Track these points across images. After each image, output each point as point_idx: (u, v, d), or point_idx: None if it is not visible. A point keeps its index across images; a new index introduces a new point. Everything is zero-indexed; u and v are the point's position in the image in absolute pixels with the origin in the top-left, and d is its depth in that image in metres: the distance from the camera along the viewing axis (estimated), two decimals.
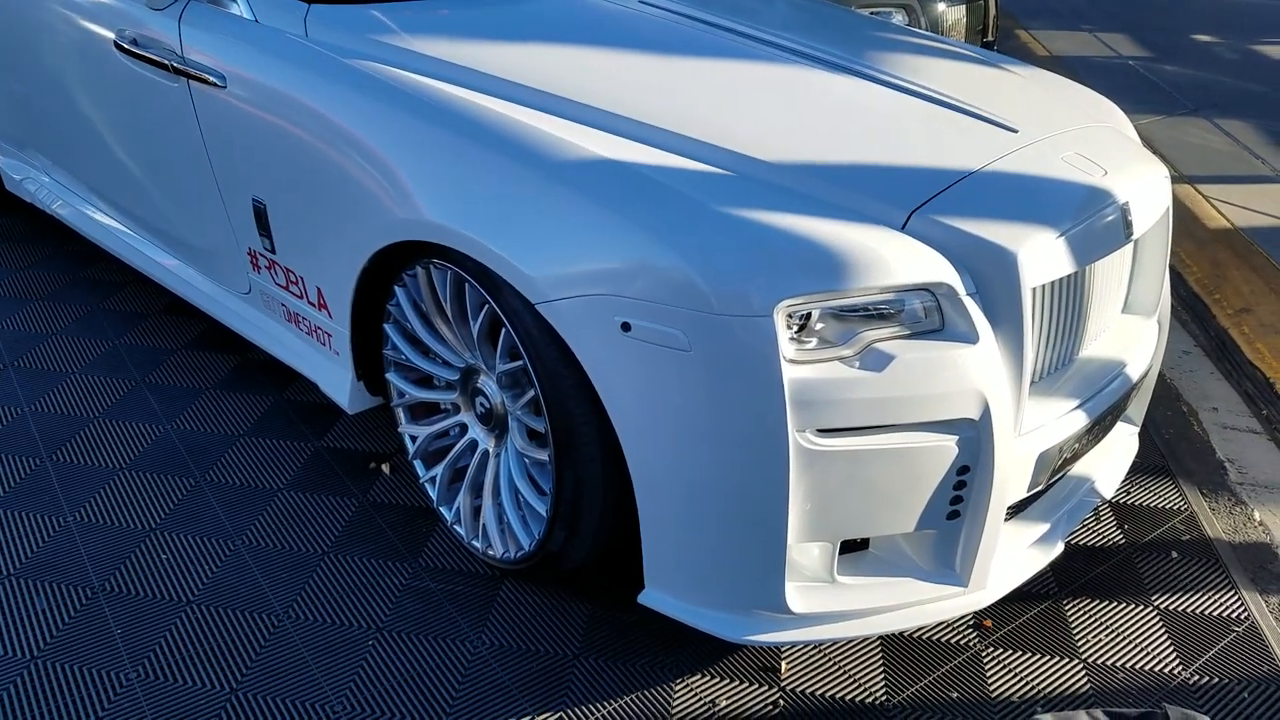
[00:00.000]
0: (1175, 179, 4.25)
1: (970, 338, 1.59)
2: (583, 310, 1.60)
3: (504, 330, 1.75)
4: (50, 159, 3.09)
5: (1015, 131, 1.93)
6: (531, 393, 1.76)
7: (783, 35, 2.31)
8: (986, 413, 1.58)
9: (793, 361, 1.52)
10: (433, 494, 2.11)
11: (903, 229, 1.63)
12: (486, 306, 1.77)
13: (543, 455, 1.80)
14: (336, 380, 2.26)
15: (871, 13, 4.07)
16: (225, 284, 2.52)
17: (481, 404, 1.95)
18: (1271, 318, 3.09)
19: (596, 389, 1.62)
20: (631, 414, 1.60)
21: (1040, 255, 1.64)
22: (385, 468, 2.36)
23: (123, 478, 2.30)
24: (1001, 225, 1.65)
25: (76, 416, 2.51)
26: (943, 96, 2.04)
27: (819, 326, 1.56)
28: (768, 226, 1.55)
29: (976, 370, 1.57)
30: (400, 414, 2.17)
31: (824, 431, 1.55)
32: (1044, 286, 1.70)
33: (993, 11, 4.96)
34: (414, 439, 2.15)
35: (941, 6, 4.49)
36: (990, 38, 4.97)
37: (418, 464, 2.15)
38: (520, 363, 1.75)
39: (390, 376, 2.13)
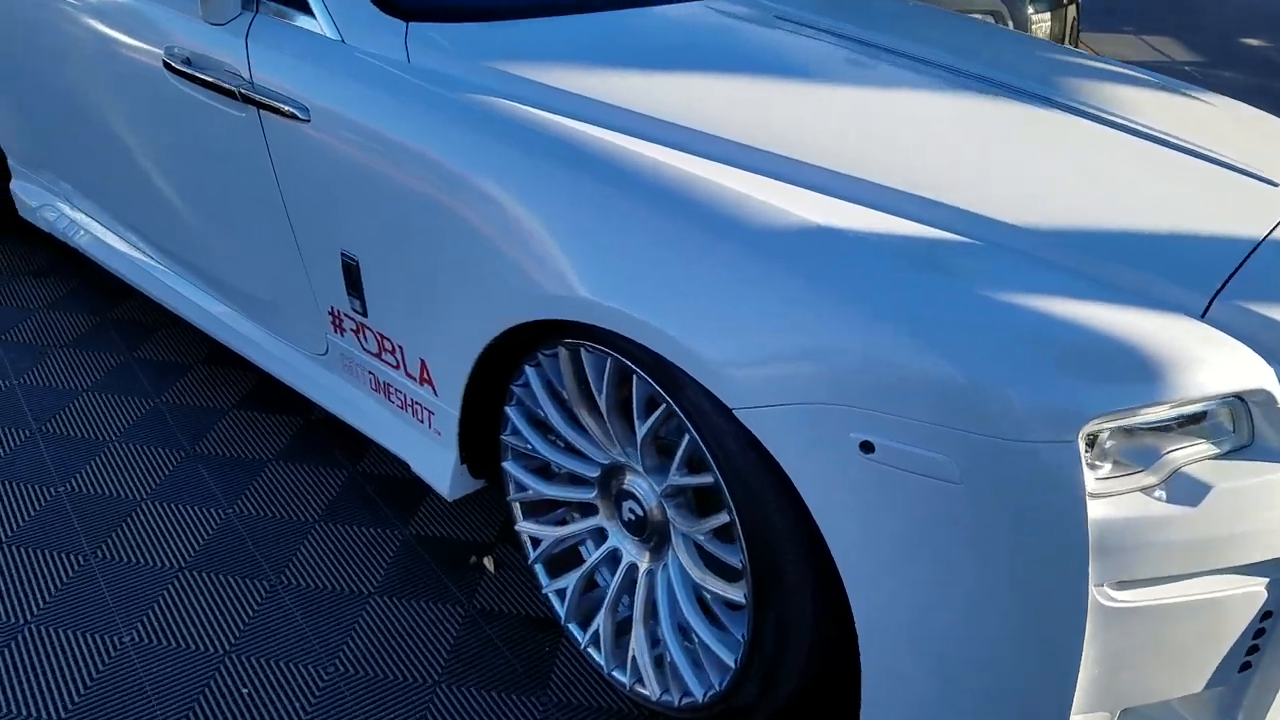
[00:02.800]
0: None
1: None
2: (802, 422, 1.26)
3: (686, 437, 1.41)
4: (75, 186, 2.73)
5: (1275, 185, 1.61)
6: (719, 517, 1.42)
7: (943, 53, 1.98)
8: None
9: (1093, 495, 1.19)
10: (559, 608, 1.78)
11: (1203, 317, 1.30)
12: (663, 406, 1.43)
13: (730, 591, 1.46)
14: (435, 463, 1.92)
15: None
16: (294, 341, 2.18)
17: (632, 510, 1.62)
18: None
19: (816, 520, 1.29)
20: (865, 555, 1.27)
21: None
22: (488, 562, 2.02)
23: (183, 578, 1.96)
24: None
25: (121, 497, 2.16)
26: (1173, 139, 1.71)
27: (1110, 445, 1.23)
28: (1054, 318, 1.22)
29: None
30: (516, 509, 1.84)
31: (1124, 584, 1.22)
32: None
33: (1073, 17, 4.66)
34: (535, 541, 1.81)
35: (1030, 11, 4.17)
36: (1071, 45, 4.68)
37: (539, 569, 1.82)
38: (704, 478, 1.42)
39: (508, 466, 1.80)
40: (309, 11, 1.91)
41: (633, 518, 1.62)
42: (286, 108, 1.84)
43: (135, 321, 2.85)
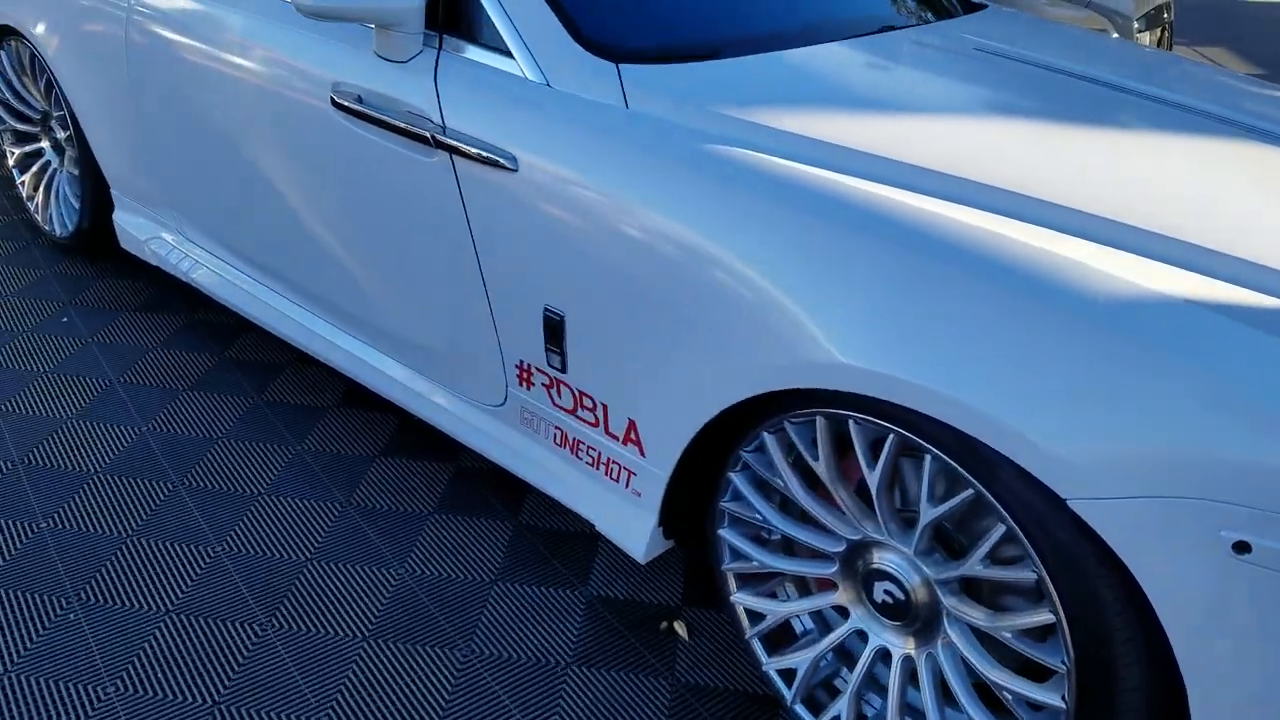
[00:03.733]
0: None
1: None
2: (1158, 517, 1.15)
3: (998, 528, 1.30)
4: (198, 222, 2.63)
5: None
6: (1033, 614, 1.31)
7: (1154, 87, 1.88)
8: None
9: None
10: (783, 689, 1.67)
11: None
12: (968, 493, 1.32)
13: (1040, 694, 1.34)
14: (629, 524, 1.82)
15: None
16: (465, 392, 2.07)
17: (888, 593, 1.51)
18: None
19: (1164, 625, 1.18)
20: (1223, 669, 1.16)
21: None
22: (680, 628, 1.92)
23: (370, 649, 1.85)
24: None
25: (286, 558, 2.06)
26: None
27: None
28: None
29: None
30: (730, 579, 1.73)
31: None
32: None
33: (1168, 34, 4.57)
34: (754, 615, 1.71)
35: (1135, 28, 4.08)
36: None
37: (756, 644, 1.71)
38: (1021, 573, 1.31)
39: (726, 534, 1.69)
40: (503, 51, 1.81)
41: (889, 600, 1.51)
42: (490, 156, 1.73)
43: (256, 361, 2.74)
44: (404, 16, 1.83)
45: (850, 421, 1.42)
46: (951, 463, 1.31)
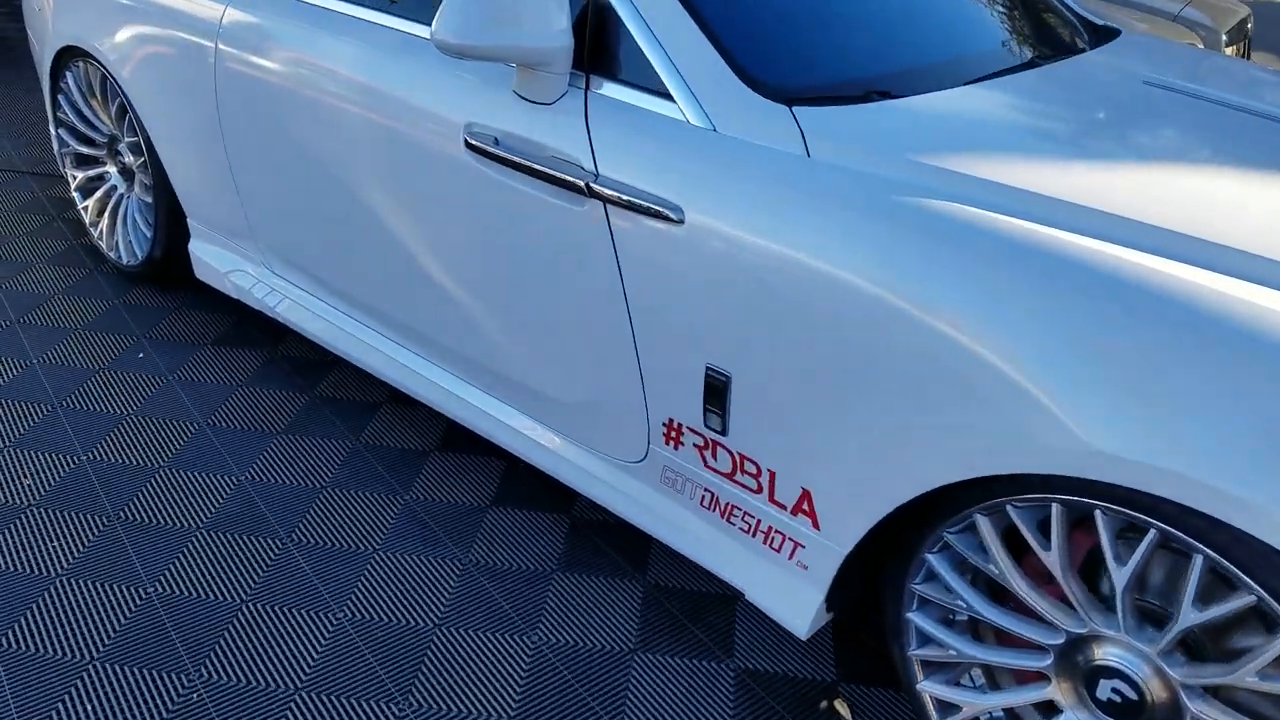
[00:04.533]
0: None
1: None
2: None
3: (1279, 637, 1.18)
4: (285, 255, 2.51)
5: None
6: None
7: None
8: None
9: None
10: None
11: None
12: (1248, 598, 1.20)
13: None
14: (792, 597, 1.70)
15: None
16: (597, 445, 1.95)
17: (1117, 691, 1.39)
18: None
19: None
20: None
21: None
22: (844, 710, 1.80)
23: None
24: None
25: (411, 624, 1.94)
26: None
27: None
28: None
29: None
30: (916, 665, 1.61)
31: None
32: None
33: (1247, 48, 4.47)
34: (947, 706, 1.59)
35: (1225, 40, 3.97)
36: None
37: None
38: None
39: (916, 618, 1.57)
40: (661, 93, 1.69)
41: (1118, 699, 1.39)
42: (653, 207, 1.61)
43: (349, 400, 2.62)
44: (552, 56, 1.70)
45: (1097, 512, 1.30)
46: (1233, 566, 1.19)
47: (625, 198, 1.64)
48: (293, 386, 2.67)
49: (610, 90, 1.75)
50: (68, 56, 2.99)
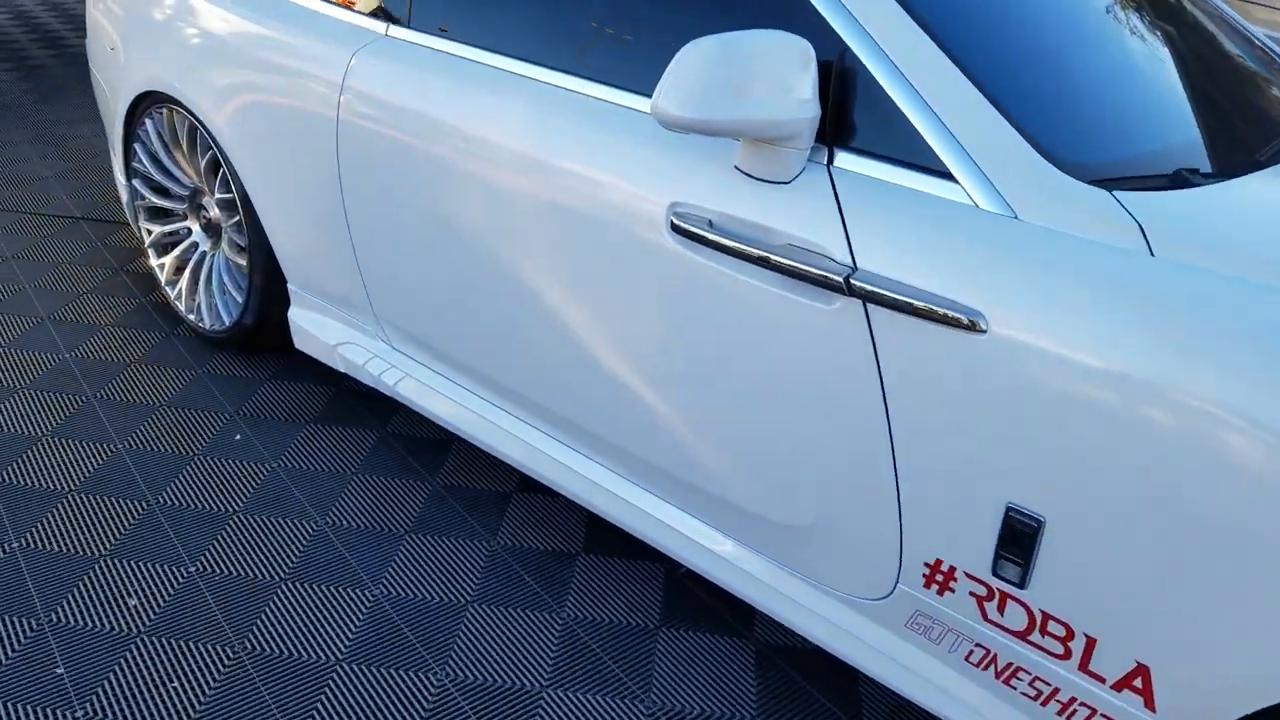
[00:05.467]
0: None
1: None
2: None
3: None
4: (412, 331, 2.22)
5: None
6: None
7: None
8: None
9: None
10: None
11: None
12: None
13: None
14: None
15: None
16: (809, 571, 1.66)
17: None
18: None
19: None
20: None
21: None
22: None
23: None
24: None
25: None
26: None
27: None
28: None
29: None
30: None
31: None
32: None
33: None
34: None
35: None
36: None
37: None
38: None
39: None
40: (934, 171, 1.40)
41: None
42: (941, 310, 1.32)
43: (477, 490, 2.33)
44: (795, 129, 1.42)
45: None
46: None
47: (897, 297, 1.36)
48: (410, 472, 2.38)
49: (859, 165, 1.46)
50: (147, 102, 2.72)
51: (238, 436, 2.48)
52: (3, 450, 2.36)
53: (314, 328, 2.51)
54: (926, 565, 1.49)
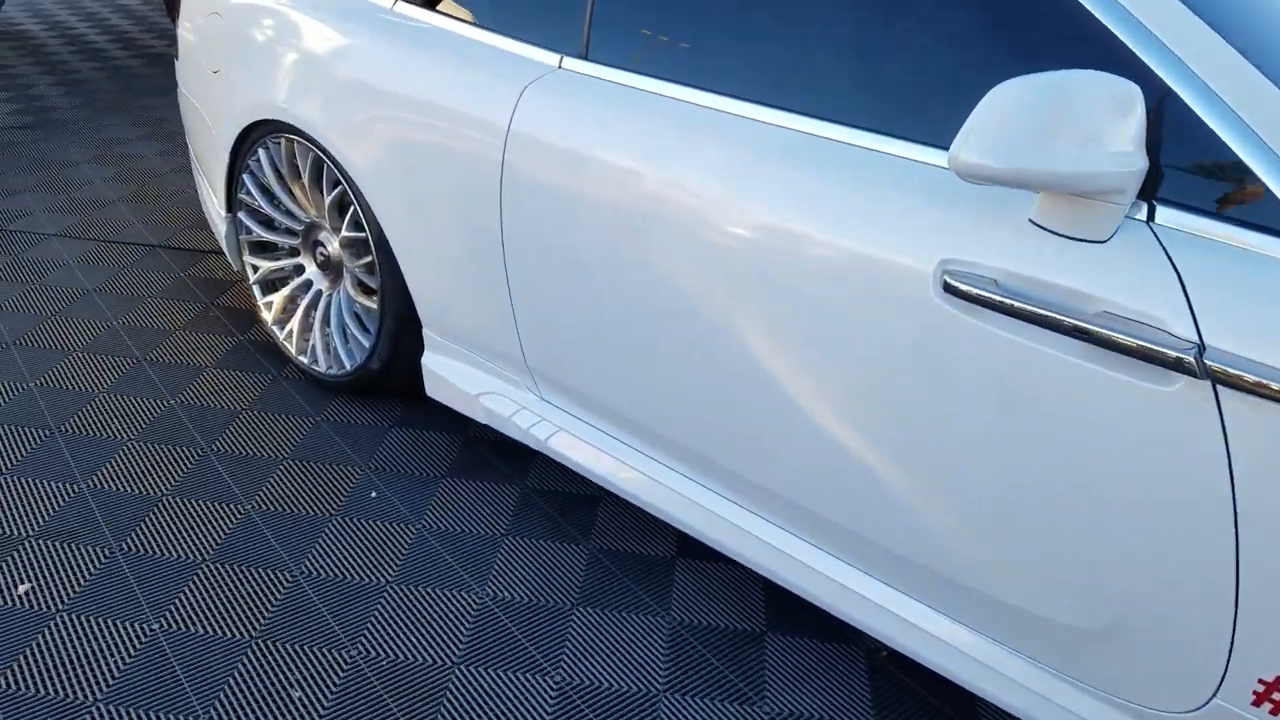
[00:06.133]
0: None
1: None
2: None
3: None
4: (573, 386, 2.04)
5: None
6: None
7: None
8: None
9: None
10: None
11: None
12: None
13: None
14: None
15: None
16: (1100, 681, 1.48)
17: None
18: None
19: None
20: None
21: None
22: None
23: None
24: None
25: None
26: None
27: None
28: None
29: None
30: None
31: None
32: None
33: None
34: None
35: None
36: None
37: None
38: None
39: None
40: None
41: None
42: None
43: (634, 554, 2.15)
44: (1118, 182, 1.24)
45: None
46: None
47: (1260, 380, 1.17)
48: (563, 535, 2.20)
49: (1188, 223, 1.28)
50: (260, 131, 2.53)
51: (373, 494, 2.30)
52: (123, 514, 2.18)
53: (452, 375, 2.33)
54: (1262, 682, 1.31)
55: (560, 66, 1.93)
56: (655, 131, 1.73)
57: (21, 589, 1.95)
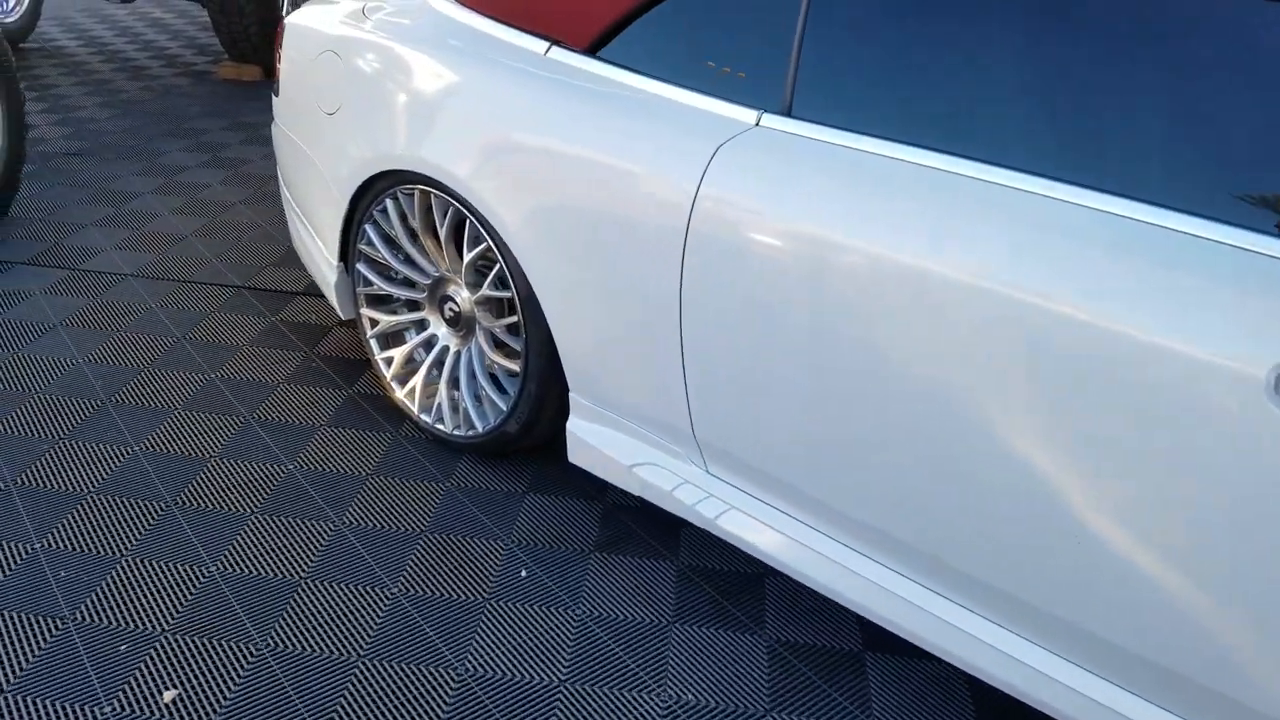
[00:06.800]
0: None
1: None
2: None
3: None
4: (751, 463, 1.88)
5: None
6: None
7: None
8: None
9: None
10: None
11: None
12: None
13: None
14: None
15: None
16: None
17: None
18: None
19: None
20: None
21: None
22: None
23: None
24: None
25: None
26: None
27: None
28: None
29: None
30: None
31: None
32: None
33: None
34: None
35: None
36: None
37: None
38: None
39: None
40: None
41: None
42: None
43: (814, 646, 1.99)
44: None
45: None
46: None
47: None
48: (733, 623, 2.04)
49: None
50: (388, 180, 2.38)
51: (523, 573, 2.14)
52: (267, 605, 2.02)
53: (602, 443, 2.17)
54: None
55: (759, 124, 1.77)
56: (874, 195, 1.57)
57: (168, 696, 1.80)
